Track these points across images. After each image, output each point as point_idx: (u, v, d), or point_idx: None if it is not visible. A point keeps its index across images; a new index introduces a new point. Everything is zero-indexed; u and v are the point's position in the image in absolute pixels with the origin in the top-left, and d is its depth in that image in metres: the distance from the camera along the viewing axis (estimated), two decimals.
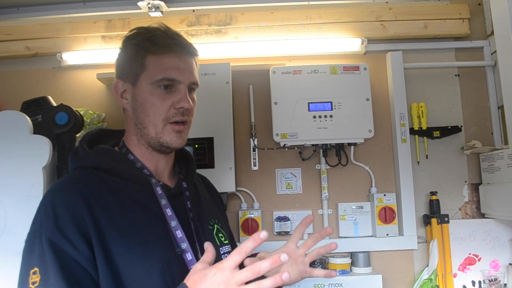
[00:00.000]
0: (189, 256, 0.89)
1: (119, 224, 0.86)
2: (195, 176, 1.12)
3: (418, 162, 1.90)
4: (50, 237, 0.80)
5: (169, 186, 0.99)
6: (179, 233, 0.90)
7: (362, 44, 1.92)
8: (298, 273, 1.01)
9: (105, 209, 0.87)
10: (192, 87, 0.97)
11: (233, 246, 1.13)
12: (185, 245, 0.90)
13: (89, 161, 0.94)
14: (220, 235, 1.04)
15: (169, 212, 0.91)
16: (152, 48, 0.93)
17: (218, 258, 0.97)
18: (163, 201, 0.92)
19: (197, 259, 0.90)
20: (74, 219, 0.83)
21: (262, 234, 0.69)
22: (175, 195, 0.98)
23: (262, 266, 0.71)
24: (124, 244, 0.84)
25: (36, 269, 0.79)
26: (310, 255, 1.03)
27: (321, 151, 1.85)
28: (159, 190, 0.93)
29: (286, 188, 1.90)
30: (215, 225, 1.04)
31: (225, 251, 1.02)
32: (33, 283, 0.78)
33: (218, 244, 1.01)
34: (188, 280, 0.77)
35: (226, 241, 1.05)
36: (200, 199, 1.07)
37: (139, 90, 0.94)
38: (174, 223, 0.91)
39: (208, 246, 0.81)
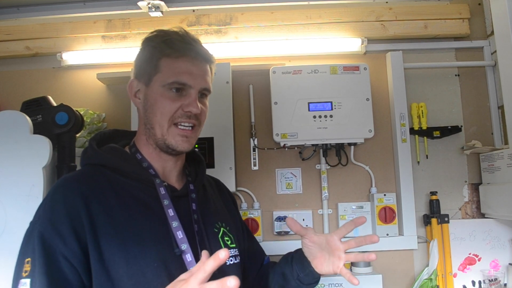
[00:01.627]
0: (188, 257, 0.89)
1: (117, 222, 0.87)
2: (206, 178, 1.13)
3: (418, 162, 1.90)
4: (42, 231, 0.83)
5: (174, 187, 0.99)
6: (179, 234, 0.90)
7: (362, 44, 1.92)
8: (331, 265, 1.02)
9: (105, 206, 0.88)
10: (204, 92, 0.99)
11: (242, 245, 1.12)
12: (185, 246, 0.90)
13: (96, 158, 0.96)
14: (226, 238, 1.03)
15: (171, 212, 0.92)
16: (167, 51, 0.95)
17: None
18: (166, 202, 0.93)
19: (197, 260, 0.90)
20: (70, 215, 0.84)
21: (221, 254, 0.68)
22: (180, 197, 0.98)
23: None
24: (120, 242, 0.85)
25: (29, 259, 0.82)
26: (347, 255, 1.03)
27: (321, 151, 1.86)
28: (162, 191, 0.94)
29: (286, 188, 1.90)
30: (222, 228, 1.04)
31: (231, 254, 1.01)
32: (25, 272, 0.81)
33: (223, 247, 1.01)
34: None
35: (233, 245, 1.04)
36: (208, 202, 1.07)
37: (151, 91, 0.96)
38: (175, 223, 0.91)
39: (203, 256, 0.75)
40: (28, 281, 0.80)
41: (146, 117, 0.97)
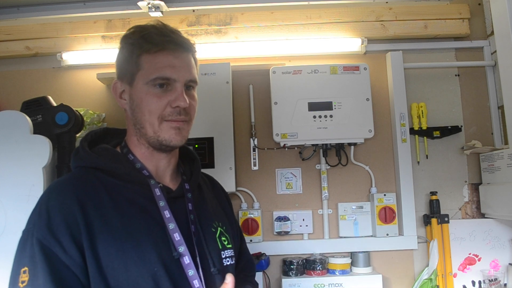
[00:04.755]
0: (186, 260, 0.87)
1: (114, 227, 0.85)
2: (201, 177, 1.10)
3: (418, 162, 1.89)
4: (41, 239, 0.80)
5: (169, 188, 0.97)
6: (176, 236, 0.88)
7: (362, 44, 1.92)
8: None
9: (101, 211, 0.86)
10: (190, 84, 0.95)
11: (237, 245, 1.11)
12: (182, 248, 0.88)
13: (87, 161, 0.93)
14: (223, 238, 1.01)
15: (167, 214, 0.90)
16: (146, 46, 0.91)
17: (220, 261, 0.97)
18: (162, 203, 0.91)
19: (195, 263, 0.89)
20: (67, 221, 0.82)
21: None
22: (176, 197, 0.96)
23: None
24: (118, 247, 0.83)
25: (26, 268, 0.79)
26: None
27: (321, 151, 1.85)
28: (157, 192, 0.91)
29: (286, 188, 1.90)
30: (219, 228, 1.01)
31: (227, 255, 1.00)
32: (23, 282, 0.78)
33: (220, 247, 0.99)
34: None
35: (229, 245, 1.02)
36: (204, 201, 1.04)
37: (135, 90, 0.93)
38: (172, 225, 0.89)
39: (229, 280, 0.84)
40: None
41: (135, 117, 0.94)
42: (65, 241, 0.80)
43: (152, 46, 0.91)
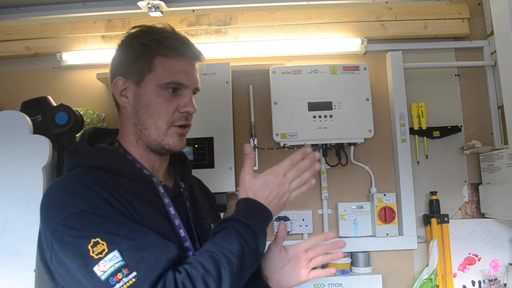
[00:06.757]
0: (191, 254, 0.89)
1: (135, 218, 0.85)
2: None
3: (418, 162, 1.90)
4: (90, 207, 0.79)
5: (168, 186, 0.99)
6: (181, 232, 0.91)
7: (362, 44, 1.92)
8: (299, 276, 1.02)
9: (121, 202, 0.85)
10: (195, 92, 0.98)
11: None
12: (187, 243, 0.90)
13: (92, 160, 0.91)
14: None
15: (172, 211, 0.92)
16: (162, 50, 0.92)
17: None
18: (166, 200, 0.93)
19: None
20: (100, 194, 0.82)
21: (317, 154, 0.91)
22: (175, 196, 0.98)
23: (304, 163, 0.93)
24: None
25: (95, 240, 0.75)
26: (315, 261, 1.04)
27: (321, 151, 1.85)
28: (161, 189, 0.93)
29: None
30: (212, 225, 1.04)
31: None
32: (100, 253, 0.74)
33: None
34: (248, 193, 0.89)
35: None
36: (196, 199, 1.07)
37: (144, 91, 0.93)
38: (177, 221, 0.91)
39: (247, 148, 0.93)
40: (114, 254, 0.73)
41: (138, 117, 0.94)
42: (108, 204, 0.81)
43: (168, 50, 0.92)
